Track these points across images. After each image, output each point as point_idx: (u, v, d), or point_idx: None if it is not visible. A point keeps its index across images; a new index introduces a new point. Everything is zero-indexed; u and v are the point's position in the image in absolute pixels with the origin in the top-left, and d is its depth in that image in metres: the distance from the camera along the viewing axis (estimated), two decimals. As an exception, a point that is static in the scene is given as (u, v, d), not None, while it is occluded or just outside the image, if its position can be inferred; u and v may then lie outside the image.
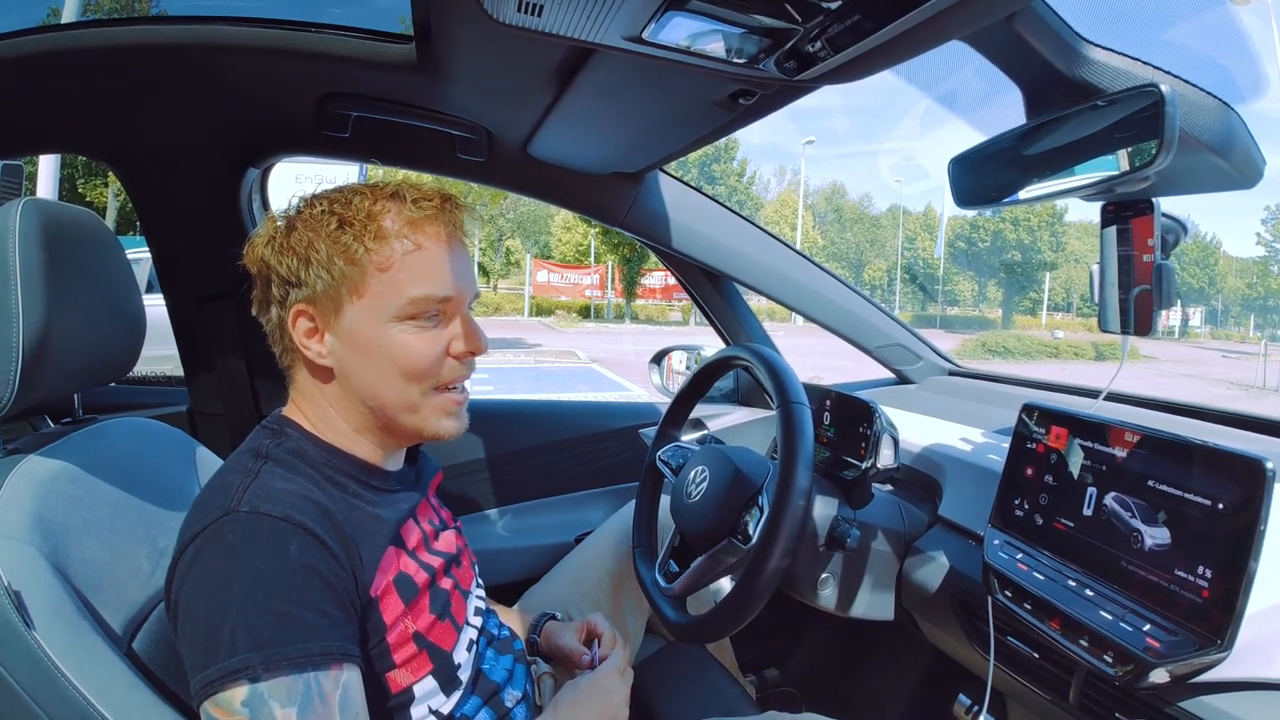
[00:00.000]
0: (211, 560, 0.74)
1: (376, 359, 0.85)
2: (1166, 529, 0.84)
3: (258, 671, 0.68)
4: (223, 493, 0.78)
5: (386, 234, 0.83)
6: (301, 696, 0.69)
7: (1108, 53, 0.97)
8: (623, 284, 26.78)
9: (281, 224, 0.87)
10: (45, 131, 1.53)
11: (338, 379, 0.87)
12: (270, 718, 0.68)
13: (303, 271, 0.83)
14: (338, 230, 0.83)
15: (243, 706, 0.68)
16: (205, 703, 0.69)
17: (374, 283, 0.83)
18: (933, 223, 48.68)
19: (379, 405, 0.87)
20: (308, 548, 0.75)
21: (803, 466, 1.01)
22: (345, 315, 0.84)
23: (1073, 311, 49.16)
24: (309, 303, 0.85)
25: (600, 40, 0.88)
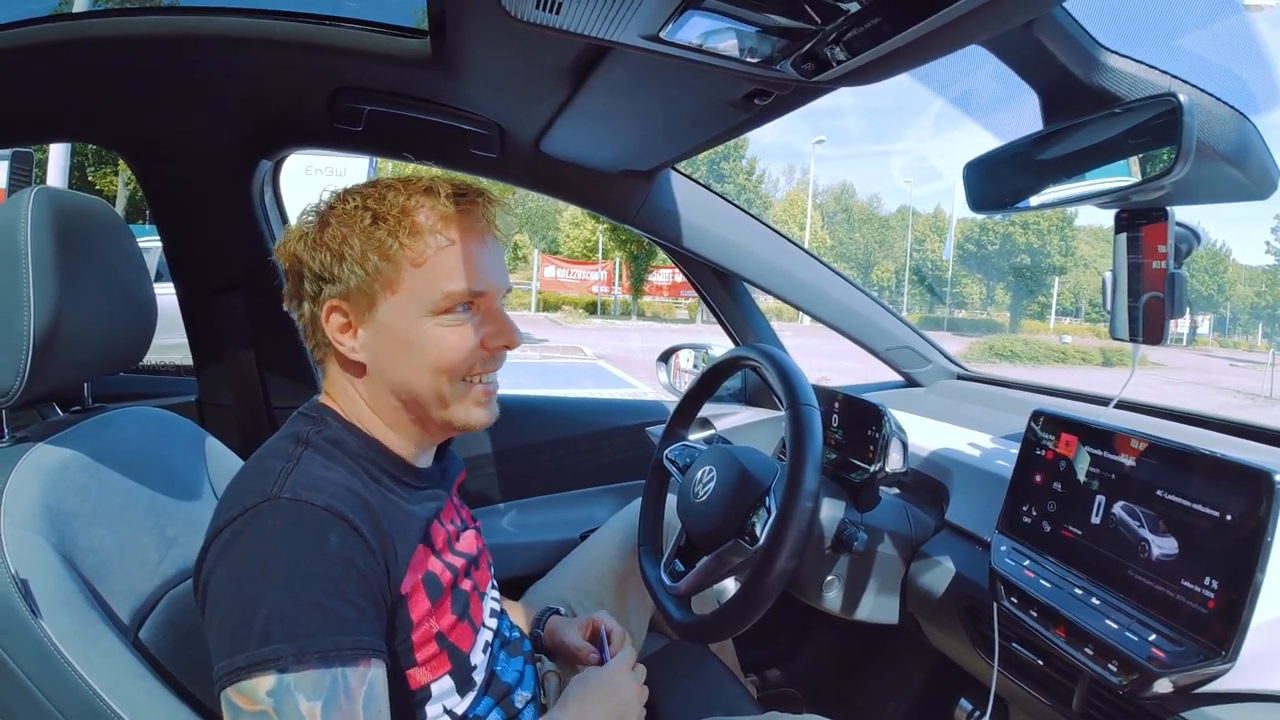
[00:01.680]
0: (251, 545, 0.73)
1: (410, 354, 0.85)
2: (1174, 539, 0.84)
3: (287, 662, 0.68)
4: (264, 477, 0.78)
5: (421, 229, 0.83)
6: (328, 691, 0.69)
7: (1125, 60, 0.96)
8: (630, 281, 26.76)
9: (314, 219, 0.87)
10: (57, 120, 1.54)
11: (370, 373, 0.87)
12: (295, 710, 0.68)
13: (336, 267, 0.83)
14: (372, 226, 0.82)
15: (268, 696, 0.68)
16: (229, 689, 0.69)
17: (408, 278, 0.83)
18: (942, 225, 48.52)
19: (411, 398, 0.87)
20: (347, 539, 0.74)
21: (811, 468, 1.01)
22: (379, 310, 0.84)
23: (1081, 317, 48.96)
24: (343, 298, 0.85)
25: (618, 39, 0.87)
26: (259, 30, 1.21)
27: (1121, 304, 1.04)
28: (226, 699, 0.69)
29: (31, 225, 0.85)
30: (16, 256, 0.84)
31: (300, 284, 0.87)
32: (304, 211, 0.89)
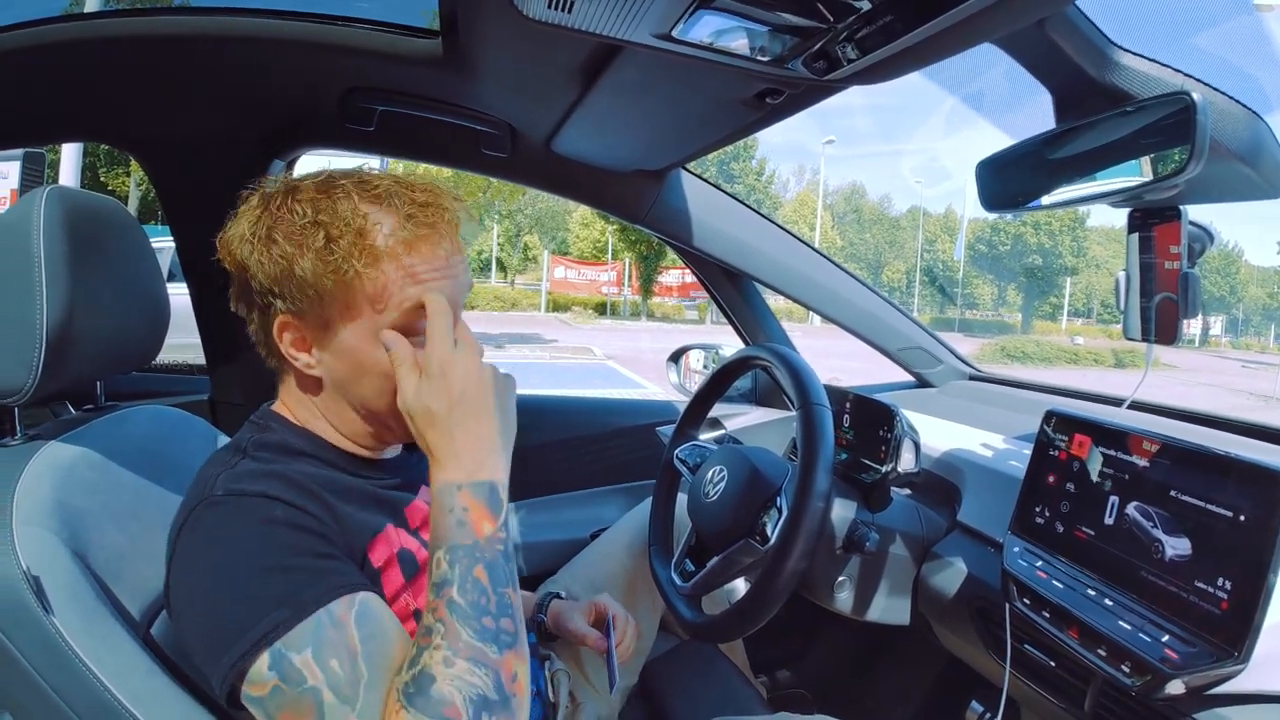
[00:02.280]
0: (198, 548, 0.72)
1: (370, 376, 0.80)
2: (1187, 539, 0.83)
3: (272, 634, 0.67)
4: (199, 486, 0.77)
5: (379, 255, 0.77)
6: (313, 634, 0.68)
7: (1138, 58, 0.96)
8: (640, 281, 26.78)
9: (260, 224, 0.79)
10: (69, 120, 1.54)
11: (327, 388, 0.84)
12: (295, 671, 0.67)
13: (287, 285, 0.78)
14: (325, 248, 0.76)
15: (270, 672, 0.67)
16: (242, 688, 0.69)
17: (363, 299, 0.78)
18: (953, 225, 48.36)
19: (371, 415, 0.84)
20: (291, 512, 0.73)
21: (823, 469, 1.01)
22: (335, 332, 0.79)
23: (1093, 317, 48.76)
24: (295, 316, 0.80)
25: (630, 38, 0.87)
26: (271, 30, 1.22)
27: (1135, 304, 1.04)
28: (245, 697, 0.69)
29: (44, 224, 0.85)
30: (29, 255, 0.84)
31: (247, 289, 0.82)
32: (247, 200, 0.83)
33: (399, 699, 0.66)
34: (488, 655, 0.69)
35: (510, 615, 0.72)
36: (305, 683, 0.67)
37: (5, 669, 0.78)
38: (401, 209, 0.78)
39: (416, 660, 0.68)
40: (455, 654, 0.68)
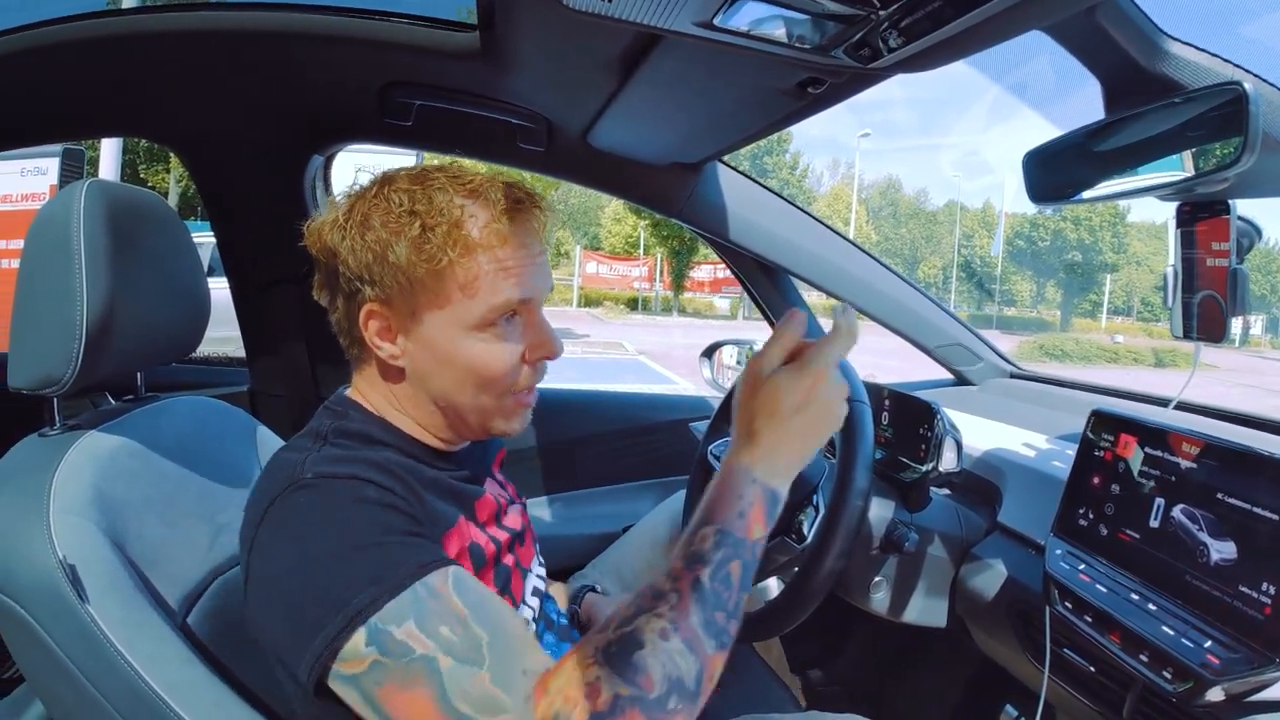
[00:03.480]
0: (287, 530, 0.72)
1: (453, 367, 0.82)
2: (1233, 543, 0.82)
3: (367, 611, 0.66)
4: (284, 469, 0.77)
5: (473, 246, 0.78)
6: (412, 606, 0.66)
7: (1188, 48, 0.94)
8: (671, 276, 26.76)
9: (354, 212, 0.81)
10: (109, 115, 1.57)
11: (409, 378, 0.85)
12: (397, 643, 0.65)
13: (378, 272, 0.79)
14: (420, 237, 0.77)
15: (368, 648, 0.65)
16: (333, 666, 0.66)
17: (453, 291, 0.79)
18: (991, 220, 47.62)
19: (449, 407, 0.85)
20: (382, 493, 0.73)
21: (862, 467, 0.99)
22: (423, 322, 0.80)
23: (1133, 315, 47.72)
24: (383, 304, 0.81)
25: (671, 26, 0.86)
26: (310, 25, 1.23)
27: (1180, 301, 1.02)
28: (336, 677, 0.67)
29: (84, 217, 0.86)
30: (69, 247, 0.85)
31: (334, 278, 0.83)
32: (340, 196, 0.85)
33: (594, 654, 0.66)
34: (704, 647, 0.68)
35: (736, 621, 0.71)
36: (413, 653, 0.65)
37: (40, 657, 0.79)
38: (496, 203, 0.80)
39: (629, 621, 0.67)
40: (675, 631, 0.67)
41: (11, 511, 0.81)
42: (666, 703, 0.65)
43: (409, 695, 0.65)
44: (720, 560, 0.70)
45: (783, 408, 0.75)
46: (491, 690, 0.65)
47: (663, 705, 0.65)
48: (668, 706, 0.65)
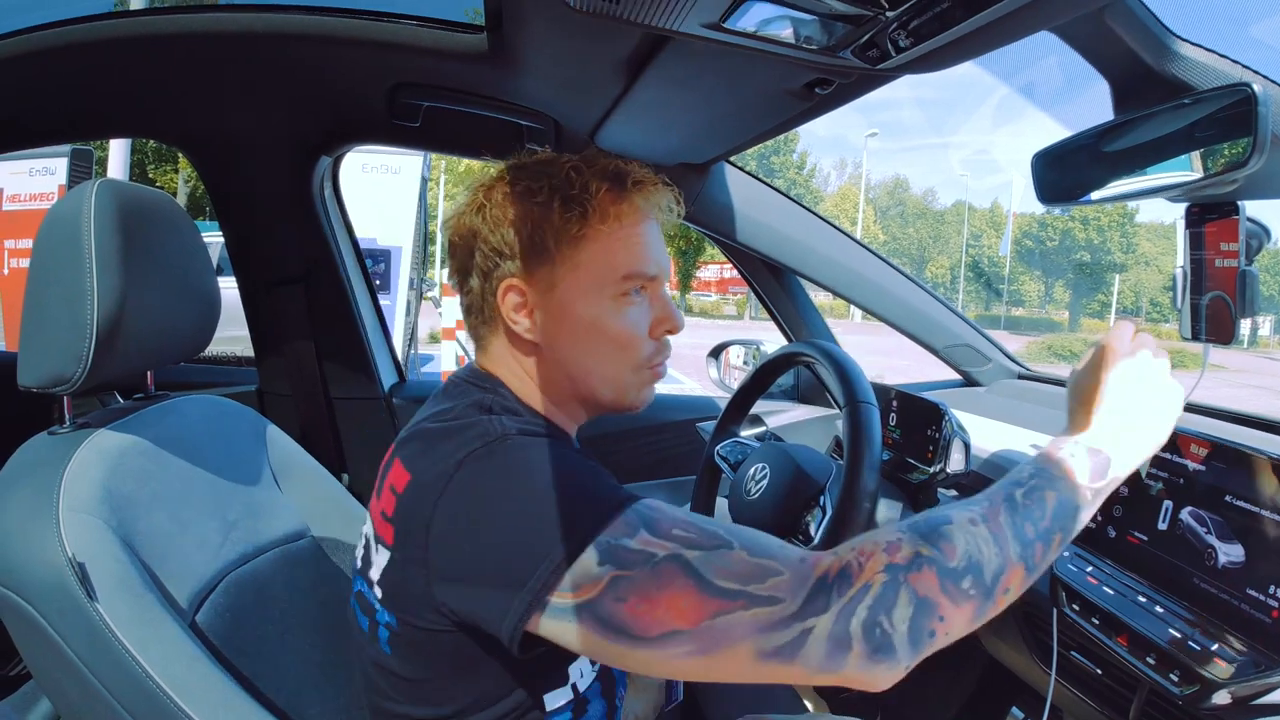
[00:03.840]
0: (494, 473, 0.71)
1: (588, 336, 0.84)
2: (1241, 546, 0.81)
3: (596, 529, 0.65)
4: (468, 430, 0.75)
5: (608, 215, 0.82)
6: (641, 519, 0.66)
7: (1197, 49, 0.93)
8: (677, 277, 26.76)
9: (493, 192, 0.85)
10: (119, 116, 1.58)
11: (543, 351, 0.86)
12: (633, 553, 0.65)
13: (519, 246, 0.83)
14: (562, 207, 0.81)
15: (602, 567, 0.64)
16: (551, 598, 0.64)
17: (592, 262, 0.83)
18: (999, 219, 47.45)
19: (584, 379, 0.87)
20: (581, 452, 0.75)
21: (869, 468, 0.99)
22: (559, 292, 0.83)
23: (1142, 316, 47.45)
24: (522, 278, 0.83)
25: (679, 28, 0.86)
26: (319, 27, 1.23)
27: (1189, 302, 1.01)
28: (553, 612, 0.65)
29: (94, 216, 0.86)
30: (79, 246, 0.85)
31: (470, 258, 0.86)
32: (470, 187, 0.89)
33: (895, 526, 0.68)
34: (1009, 547, 0.69)
35: (1047, 549, 0.72)
36: (656, 556, 0.64)
37: (47, 654, 0.79)
38: (627, 179, 0.84)
39: (940, 510, 0.70)
40: (984, 522, 0.69)
41: (21, 509, 0.82)
42: (962, 579, 0.66)
43: (662, 597, 0.64)
44: (1034, 485, 0.73)
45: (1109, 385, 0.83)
46: (753, 561, 0.65)
47: (958, 578, 0.66)
48: (962, 583, 0.66)
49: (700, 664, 0.64)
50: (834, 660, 0.63)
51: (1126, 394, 0.82)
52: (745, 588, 0.63)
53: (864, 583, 0.64)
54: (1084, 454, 0.77)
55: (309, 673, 0.99)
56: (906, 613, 0.64)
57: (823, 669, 0.63)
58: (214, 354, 2.02)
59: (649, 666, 0.66)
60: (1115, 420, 0.81)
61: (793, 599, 0.63)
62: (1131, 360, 0.84)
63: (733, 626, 0.63)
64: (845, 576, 0.65)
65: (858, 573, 0.65)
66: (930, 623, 0.65)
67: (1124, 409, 0.81)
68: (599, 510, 0.66)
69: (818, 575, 0.65)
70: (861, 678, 0.65)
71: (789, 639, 0.63)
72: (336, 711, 1.00)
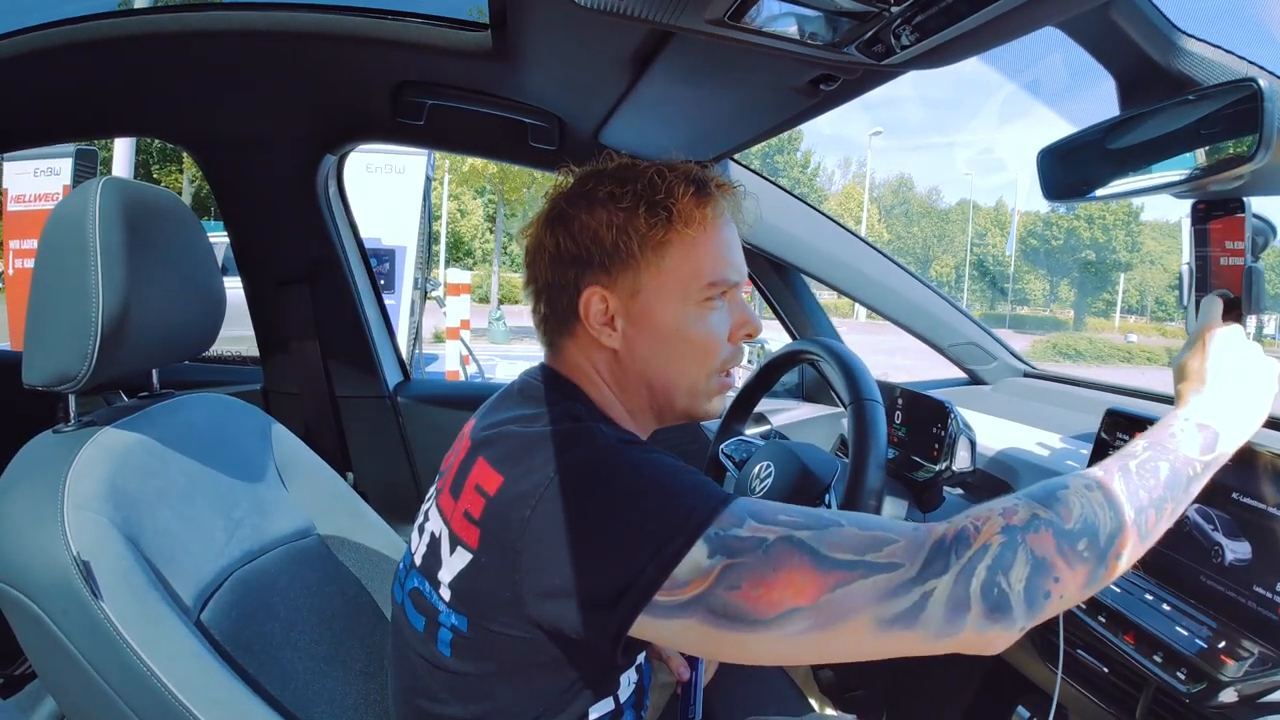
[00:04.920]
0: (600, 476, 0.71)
1: (670, 342, 0.84)
2: (1248, 543, 0.82)
3: (705, 524, 0.65)
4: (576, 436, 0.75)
5: (693, 220, 0.82)
6: (746, 509, 0.67)
7: (1202, 44, 0.93)
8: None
9: (576, 201, 0.84)
10: (124, 115, 1.58)
11: (622, 359, 0.85)
12: (744, 541, 0.65)
13: (604, 253, 0.82)
14: (647, 214, 0.81)
15: (712, 559, 0.64)
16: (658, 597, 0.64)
17: (676, 267, 0.82)
18: (1004, 218, 47.24)
19: (663, 387, 0.86)
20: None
21: (875, 466, 0.98)
22: (642, 298, 0.83)
23: (1147, 315, 47.29)
24: (606, 285, 0.83)
25: (683, 24, 0.86)
26: (323, 26, 1.23)
27: (1195, 299, 1.01)
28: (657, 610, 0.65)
29: (99, 214, 0.86)
30: (84, 244, 0.85)
31: (549, 266, 0.85)
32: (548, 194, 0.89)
33: (1016, 496, 0.69)
34: (1124, 511, 0.69)
35: (1158, 515, 0.72)
36: (767, 540, 0.64)
37: (52, 653, 0.79)
38: (710, 186, 0.84)
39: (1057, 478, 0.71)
40: (1099, 487, 0.69)
41: (26, 507, 0.82)
42: (1078, 541, 0.66)
43: (779, 577, 0.63)
44: (1147, 458, 0.73)
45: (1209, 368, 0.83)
46: (865, 534, 0.65)
47: (1073, 540, 0.66)
48: (1077, 545, 0.66)
49: (818, 640, 0.64)
50: (953, 623, 0.63)
51: (1230, 371, 0.82)
52: (863, 557, 0.64)
53: (982, 543, 0.65)
54: (1194, 429, 0.77)
55: (314, 670, 0.99)
56: (1023, 572, 0.64)
57: (942, 633, 0.64)
58: (219, 353, 2.03)
59: (766, 650, 0.65)
60: (1221, 397, 0.80)
61: (911, 563, 0.64)
62: (1229, 340, 0.85)
63: (853, 596, 0.63)
64: (963, 539, 0.65)
65: (975, 535, 0.65)
66: (1046, 583, 0.65)
67: (1229, 386, 0.81)
68: (704, 506, 0.66)
69: (935, 539, 0.65)
70: (979, 640, 0.65)
71: (909, 604, 0.63)
72: (342, 709, 1.00)
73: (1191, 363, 0.85)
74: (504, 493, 0.72)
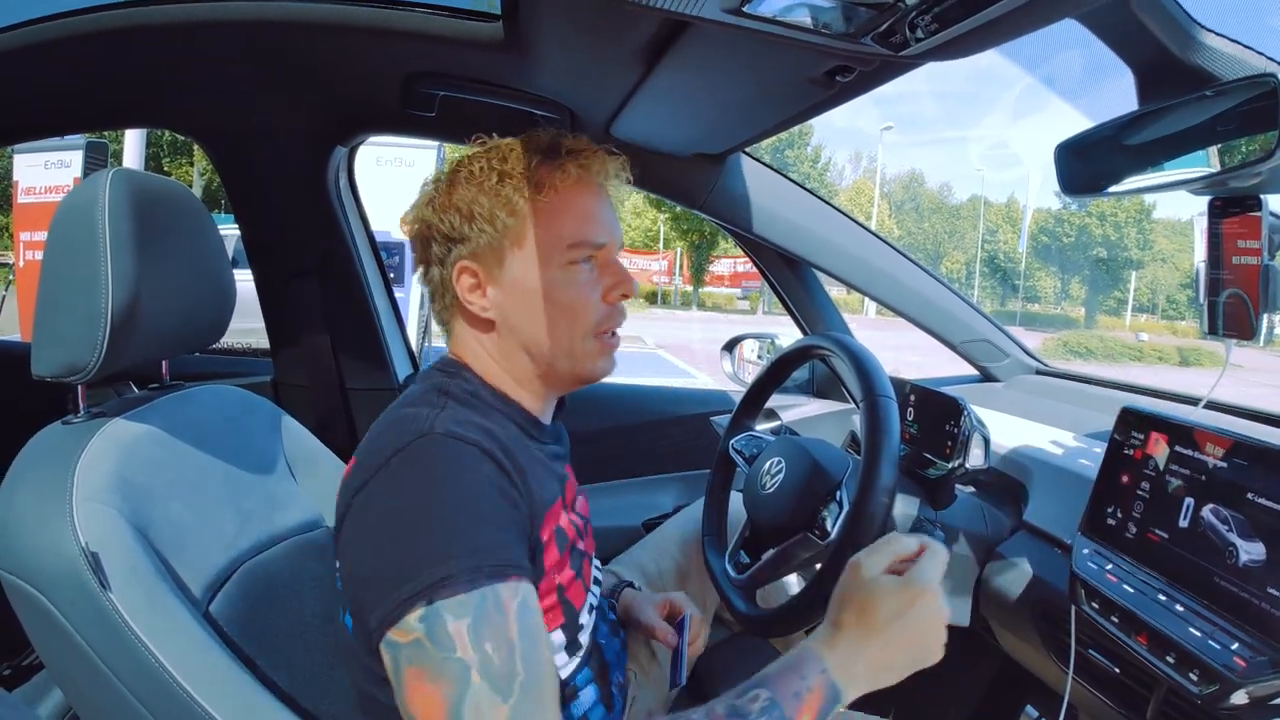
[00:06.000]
0: (407, 478, 0.74)
1: (539, 307, 0.87)
2: (1262, 544, 0.80)
3: (435, 590, 0.67)
4: (413, 421, 0.78)
5: (545, 185, 0.86)
6: (475, 608, 0.68)
7: (1222, 39, 0.92)
8: (691, 271, 26.75)
9: (441, 183, 0.90)
10: (134, 107, 1.58)
11: (500, 329, 0.90)
12: (444, 632, 0.67)
13: (465, 227, 0.86)
14: (499, 184, 0.86)
15: (419, 623, 0.67)
16: (388, 632, 0.68)
17: (535, 232, 0.86)
18: (1015, 214, 47.05)
19: (540, 352, 0.90)
20: (497, 475, 0.76)
21: (888, 463, 0.98)
22: (508, 266, 0.87)
23: (1158, 313, 47.03)
24: (472, 258, 0.87)
25: (698, 13, 0.85)
26: (333, 16, 1.22)
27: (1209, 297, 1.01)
28: (388, 643, 0.69)
29: (109, 205, 0.86)
30: (94, 235, 0.85)
31: (428, 248, 0.91)
32: (425, 183, 0.94)
33: None
34: None
35: None
36: (454, 652, 0.66)
37: (60, 644, 0.79)
38: (562, 150, 0.89)
39: None
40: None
41: (34, 498, 0.81)
42: None
43: (430, 688, 0.66)
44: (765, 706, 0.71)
45: (880, 613, 0.77)
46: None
47: None
48: None
49: None
50: None
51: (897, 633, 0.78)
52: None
53: None
54: (823, 690, 0.75)
55: (323, 662, 0.99)
56: None
57: None
58: (229, 344, 2.03)
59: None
60: (874, 662, 0.78)
61: None
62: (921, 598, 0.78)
63: None
64: None
65: None
66: None
67: (887, 653, 0.78)
68: (454, 569, 0.68)
69: None
70: None
71: None
72: (350, 702, 1.00)
73: (848, 594, 0.79)
74: (351, 472, 0.79)
